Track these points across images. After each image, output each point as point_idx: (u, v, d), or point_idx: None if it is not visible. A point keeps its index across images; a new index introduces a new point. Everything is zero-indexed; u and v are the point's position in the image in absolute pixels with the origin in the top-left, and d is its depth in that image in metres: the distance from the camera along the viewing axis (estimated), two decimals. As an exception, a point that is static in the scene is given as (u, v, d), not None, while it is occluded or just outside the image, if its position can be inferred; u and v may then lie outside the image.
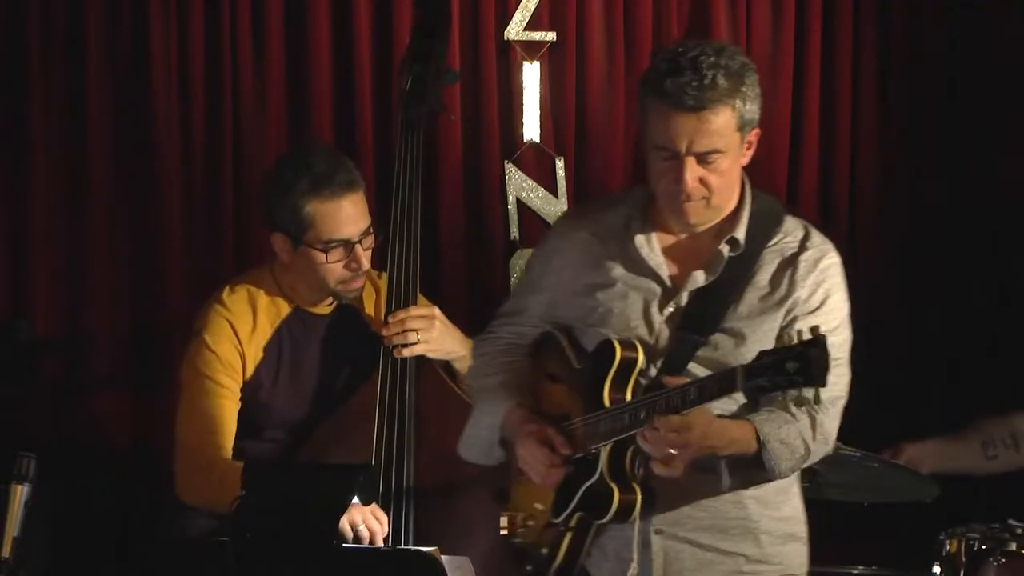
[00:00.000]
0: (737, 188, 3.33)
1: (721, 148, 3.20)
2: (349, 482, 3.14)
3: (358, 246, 3.85)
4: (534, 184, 4.68)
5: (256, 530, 3.05)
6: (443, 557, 3.33)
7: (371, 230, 3.88)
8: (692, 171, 3.21)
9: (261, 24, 4.50)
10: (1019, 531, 3.81)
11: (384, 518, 3.71)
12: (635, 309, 3.30)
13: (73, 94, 4.40)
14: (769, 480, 3.25)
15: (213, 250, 4.46)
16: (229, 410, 3.85)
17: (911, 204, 4.88)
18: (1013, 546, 3.75)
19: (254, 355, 3.88)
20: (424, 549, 3.40)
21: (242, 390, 3.88)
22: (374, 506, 3.69)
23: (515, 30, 4.66)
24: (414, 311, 3.86)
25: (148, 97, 4.42)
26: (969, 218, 4.85)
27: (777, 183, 4.79)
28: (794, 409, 3.19)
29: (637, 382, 3.24)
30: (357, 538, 3.65)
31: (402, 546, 3.72)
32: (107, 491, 4.35)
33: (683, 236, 3.33)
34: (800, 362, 2.93)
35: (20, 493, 3.23)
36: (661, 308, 3.29)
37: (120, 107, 4.43)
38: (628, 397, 3.22)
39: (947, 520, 3.88)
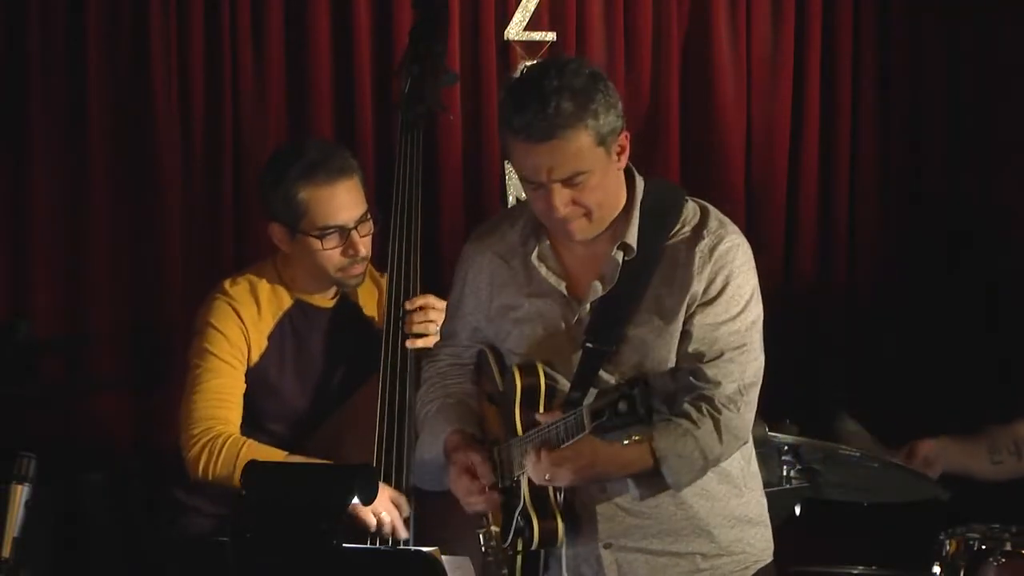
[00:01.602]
0: (620, 192, 3.27)
1: (583, 169, 3.15)
2: (349, 482, 3.13)
3: (354, 232, 3.85)
4: (534, 184, 4.67)
5: (256, 530, 3.04)
6: (443, 557, 3.33)
7: (368, 216, 3.88)
8: (560, 196, 3.16)
9: (261, 24, 4.50)
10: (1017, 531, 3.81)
11: (401, 498, 3.72)
12: (542, 329, 3.30)
13: (73, 94, 4.40)
14: (675, 490, 3.22)
15: (213, 250, 4.46)
16: (234, 388, 3.87)
17: (911, 204, 4.88)
18: (1013, 546, 3.75)
19: (259, 343, 3.90)
20: (424, 549, 3.40)
21: (247, 378, 3.89)
22: (390, 490, 3.70)
23: (515, 30, 4.66)
24: (433, 300, 3.86)
25: (148, 97, 4.42)
26: (969, 218, 4.85)
27: (777, 183, 4.80)
28: (695, 414, 3.16)
29: (549, 404, 3.23)
30: (380, 523, 3.68)
31: (402, 546, 3.72)
32: (107, 491, 4.34)
33: (579, 245, 3.29)
34: (628, 402, 2.92)
35: (20, 493, 3.23)
36: (566, 323, 3.28)
37: (120, 107, 4.43)
38: (542, 420, 3.22)
39: (947, 520, 3.88)
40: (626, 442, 3.02)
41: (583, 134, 3.13)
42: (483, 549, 3.38)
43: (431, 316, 3.84)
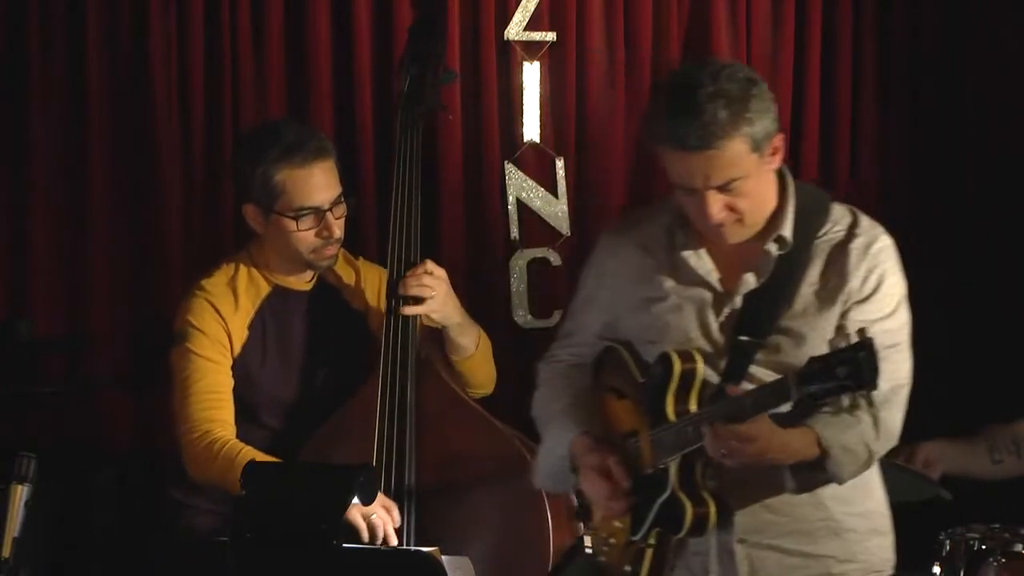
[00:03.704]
0: (772, 193, 3.26)
1: (739, 175, 3.14)
2: (349, 482, 3.13)
3: (329, 214, 3.88)
4: (534, 184, 4.68)
5: (256, 530, 3.04)
6: (443, 557, 3.34)
7: (342, 199, 3.90)
8: (715, 202, 3.16)
9: (261, 24, 4.49)
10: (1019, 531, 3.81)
11: (393, 507, 3.72)
12: (690, 320, 3.27)
13: (73, 94, 4.40)
14: (831, 483, 3.20)
15: (213, 249, 4.45)
16: (225, 385, 3.88)
17: (911, 204, 4.88)
18: (1013, 546, 3.75)
19: (239, 333, 3.91)
20: (424, 549, 3.40)
21: (233, 370, 3.90)
22: (382, 496, 3.70)
23: (515, 30, 4.65)
24: (431, 267, 3.87)
25: (148, 97, 4.42)
26: (970, 218, 4.85)
27: (777, 183, 4.79)
28: (857, 411, 3.14)
29: (701, 392, 3.20)
30: (371, 527, 3.66)
31: (402, 546, 3.72)
32: (107, 491, 4.34)
33: None
34: (850, 366, 2.89)
35: (20, 493, 3.24)
36: (716, 315, 3.26)
37: (120, 107, 4.43)
38: (693, 408, 3.18)
39: (947, 520, 3.88)
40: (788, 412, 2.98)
41: (738, 142, 3.11)
42: (590, 551, 3.32)
43: (426, 281, 3.84)
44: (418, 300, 3.85)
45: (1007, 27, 4.86)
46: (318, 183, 3.87)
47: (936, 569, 3.79)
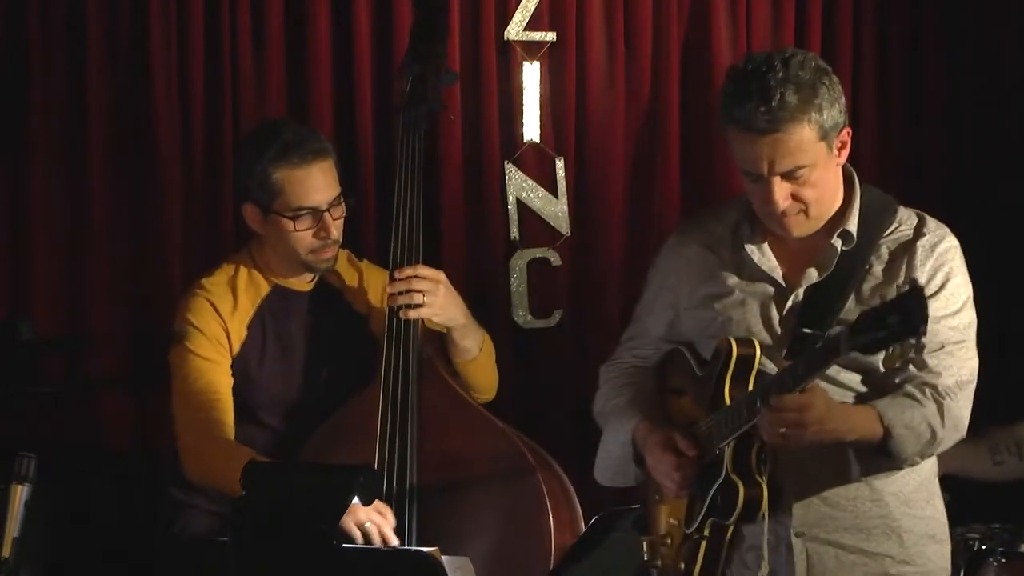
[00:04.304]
0: (839, 187, 3.29)
1: (805, 163, 3.17)
2: (349, 482, 3.13)
3: (327, 215, 3.87)
4: (534, 184, 4.68)
5: (256, 530, 3.04)
6: (443, 557, 3.33)
7: (341, 199, 3.90)
8: (780, 190, 3.18)
9: (261, 24, 4.49)
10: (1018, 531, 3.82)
11: (387, 510, 3.71)
12: (754, 314, 3.29)
13: (73, 94, 4.40)
14: (897, 468, 3.20)
15: (213, 249, 4.45)
16: (223, 385, 3.88)
17: (911, 204, 4.87)
18: (1013, 547, 3.75)
19: (238, 332, 3.91)
20: (424, 549, 3.40)
21: (232, 369, 3.89)
22: (376, 502, 3.70)
23: (515, 30, 4.65)
24: (421, 269, 3.86)
25: (148, 97, 4.41)
26: (971, 218, 4.84)
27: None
28: (919, 395, 3.16)
29: (759, 377, 3.21)
30: (365, 534, 3.66)
31: (403, 546, 3.72)
32: (107, 491, 4.34)
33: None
34: (900, 313, 2.89)
35: (20, 493, 3.23)
36: (779, 308, 3.28)
37: (120, 107, 4.42)
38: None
39: (947, 520, 3.87)
40: (886, 365, 3.00)
41: (806, 128, 3.14)
42: (647, 558, 3.30)
43: (417, 285, 3.83)
44: (416, 304, 3.84)
45: (1007, 27, 4.86)
46: (316, 183, 3.86)
47: (936, 569, 3.78)
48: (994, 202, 4.84)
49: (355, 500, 3.31)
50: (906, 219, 3.33)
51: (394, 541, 3.69)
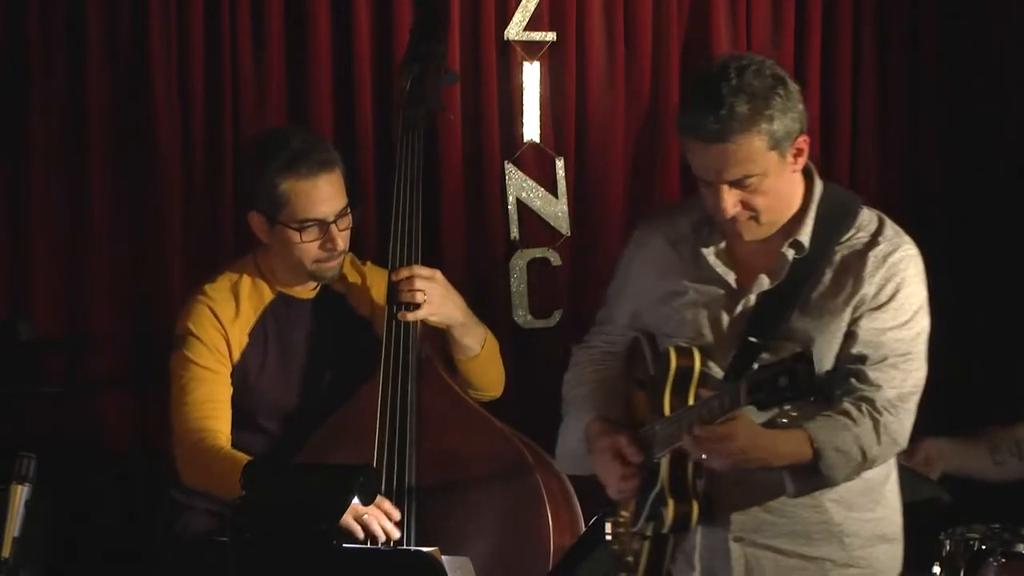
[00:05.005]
0: (795, 192, 3.27)
1: (755, 172, 3.14)
2: (349, 482, 3.13)
3: (333, 226, 3.86)
4: (534, 184, 4.68)
5: (256, 530, 3.04)
6: (443, 557, 3.33)
7: (347, 211, 3.88)
8: (730, 197, 3.16)
9: (261, 24, 4.49)
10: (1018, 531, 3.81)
11: (390, 507, 3.71)
12: (704, 316, 3.28)
13: (73, 94, 4.40)
14: (830, 487, 3.20)
15: (213, 250, 4.45)
16: (222, 395, 3.87)
17: (911, 205, 4.88)
18: (1013, 546, 3.75)
19: (239, 340, 3.89)
20: (424, 549, 3.40)
21: (232, 376, 3.89)
22: (379, 498, 3.69)
23: (515, 30, 4.65)
24: (418, 269, 3.85)
25: (148, 97, 4.41)
26: (971, 218, 4.84)
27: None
28: (855, 412, 3.15)
29: (698, 389, 3.21)
30: (365, 527, 3.65)
31: (403, 546, 3.72)
32: (107, 491, 4.34)
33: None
34: (789, 377, 2.91)
35: (20, 493, 3.24)
36: (729, 312, 3.27)
37: (120, 107, 4.42)
38: (691, 403, 3.20)
39: (947, 520, 3.88)
40: (784, 420, 3.01)
41: (756, 138, 3.11)
42: (608, 536, 3.33)
43: (417, 285, 3.83)
44: (415, 304, 3.84)
45: (1007, 27, 4.86)
46: (323, 195, 3.84)
47: (936, 569, 3.79)
48: (994, 203, 4.84)
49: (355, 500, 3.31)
50: (865, 224, 3.29)
51: (396, 534, 3.69)
